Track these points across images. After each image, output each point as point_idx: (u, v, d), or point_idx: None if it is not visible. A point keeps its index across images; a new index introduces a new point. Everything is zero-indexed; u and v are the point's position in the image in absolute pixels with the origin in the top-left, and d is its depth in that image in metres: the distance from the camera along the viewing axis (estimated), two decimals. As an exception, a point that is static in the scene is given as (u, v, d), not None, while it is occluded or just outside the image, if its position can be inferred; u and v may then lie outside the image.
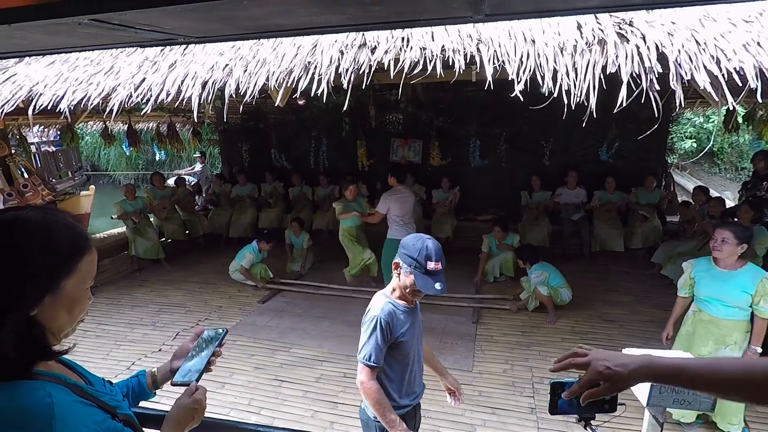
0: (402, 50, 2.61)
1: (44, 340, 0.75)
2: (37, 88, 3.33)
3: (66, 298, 0.77)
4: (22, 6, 0.88)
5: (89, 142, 14.35)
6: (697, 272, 2.90)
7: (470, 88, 6.68)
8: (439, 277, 1.78)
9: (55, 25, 0.93)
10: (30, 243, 0.73)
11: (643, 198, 6.28)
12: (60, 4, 0.84)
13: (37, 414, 0.71)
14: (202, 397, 1.02)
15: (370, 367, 1.79)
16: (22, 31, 1.00)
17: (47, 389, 0.74)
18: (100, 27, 0.95)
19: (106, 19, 0.90)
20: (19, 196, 4.77)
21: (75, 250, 0.79)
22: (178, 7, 0.78)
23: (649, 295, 5.27)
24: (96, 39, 1.15)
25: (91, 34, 1.06)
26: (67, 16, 0.85)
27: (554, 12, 1.01)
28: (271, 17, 0.93)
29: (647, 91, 2.20)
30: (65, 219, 0.81)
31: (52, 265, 0.75)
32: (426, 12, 0.93)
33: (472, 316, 4.85)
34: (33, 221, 0.76)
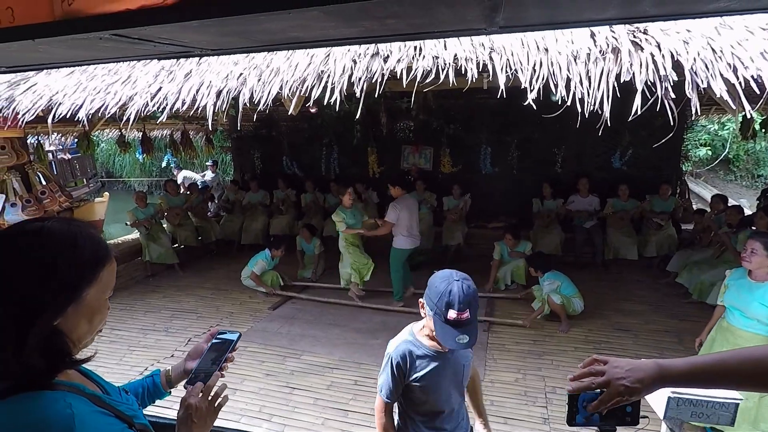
0: (414, 59, 2.62)
1: (67, 349, 0.76)
2: (57, 98, 3.41)
3: (88, 307, 0.79)
4: (46, 22, 0.90)
5: (105, 149, 14.61)
6: (731, 280, 2.93)
7: (481, 95, 6.67)
8: (466, 329, 1.51)
9: (77, 40, 0.95)
10: (56, 253, 0.75)
11: (657, 206, 6.19)
12: (82, 20, 0.86)
13: (58, 425, 0.71)
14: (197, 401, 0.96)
15: (382, 399, 1.69)
16: (45, 46, 1.02)
17: (67, 400, 0.74)
18: (120, 41, 0.98)
19: (126, 33, 0.92)
20: (36, 203, 4.86)
21: (97, 260, 0.80)
22: (197, 22, 0.80)
23: (664, 304, 5.18)
24: (115, 52, 1.18)
25: (111, 47, 1.09)
26: (89, 31, 0.87)
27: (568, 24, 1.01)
28: (286, 31, 0.94)
29: (662, 100, 2.18)
30: (88, 230, 0.82)
31: (76, 275, 0.76)
32: (440, 24, 0.94)
33: (484, 323, 4.80)
34: (58, 231, 0.77)
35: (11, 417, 0.70)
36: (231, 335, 1.11)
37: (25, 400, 0.72)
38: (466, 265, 6.56)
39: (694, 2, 0.82)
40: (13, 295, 0.71)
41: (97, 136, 9.34)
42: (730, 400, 1.80)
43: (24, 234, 0.76)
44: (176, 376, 1.17)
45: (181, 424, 0.94)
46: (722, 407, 1.81)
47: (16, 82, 3.61)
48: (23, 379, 0.73)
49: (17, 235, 0.76)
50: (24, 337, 0.70)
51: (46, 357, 0.73)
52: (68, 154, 9.31)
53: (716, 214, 5.63)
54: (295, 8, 0.72)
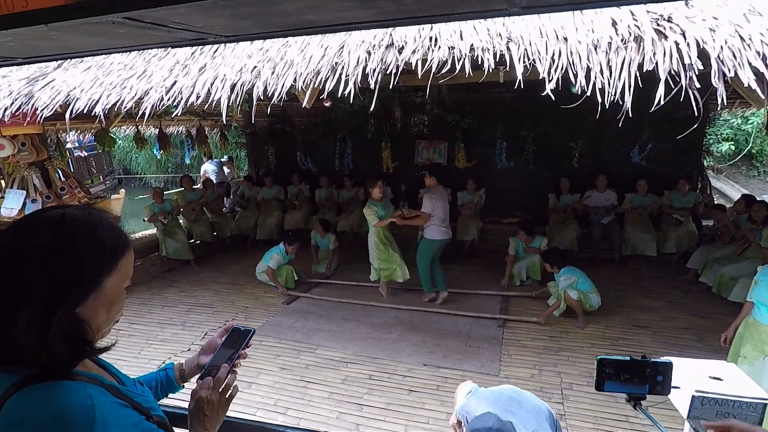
0: (430, 50, 2.57)
1: (88, 336, 0.76)
2: (74, 93, 3.45)
3: (107, 296, 0.78)
4: (58, 6, 0.89)
5: (122, 146, 14.84)
6: (762, 276, 2.86)
7: (496, 89, 6.59)
8: None
9: (90, 25, 0.94)
10: (78, 240, 0.74)
11: (677, 201, 6.04)
12: (95, 2, 0.85)
13: (79, 416, 0.70)
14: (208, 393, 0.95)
15: None
16: (59, 32, 1.02)
17: (87, 390, 0.74)
18: (133, 26, 0.96)
19: (139, 17, 0.91)
20: (56, 198, 4.94)
21: (117, 249, 0.79)
22: (210, 3, 0.78)
23: (684, 301, 5.07)
24: (129, 40, 1.17)
25: (125, 34, 1.08)
26: (102, 14, 0.85)
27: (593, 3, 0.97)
28: (302, 13, 0.92)
29: (686, 90, 2.10)
30: (107, 218, 0.82)
31: (97, 262, 0.76)
32: (461, 5, 0.90)
33: (499, 319, 4.76)
34: (80, 219, 0.77)
35: (31, 406, 0.70)
36: (245, 331, 1.09)
37: (45, 389, 0.72)
38: (480, 260, 6.55)
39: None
40: (36, 282, 0.70)
41: (115, 132, 9.48)
42: (759, 399, 1.73)
43: (47, 221, 0.75)
44: (189, 370, 1.16)
45: (193, 417, 0.94)
46: (749, 407, 1.74)
47: (35, 78, 3.67)
48: (45, 368, 0.73)
49: (39, 222, 0.75)
50: (47, 324, 0.70)
51: (69, 343, 0.73)
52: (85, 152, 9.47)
53: (738, 214, 5.47)
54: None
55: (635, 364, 1.17)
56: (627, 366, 1.16)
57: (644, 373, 1.16)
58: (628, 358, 1.15)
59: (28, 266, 0.71)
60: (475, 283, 5.70)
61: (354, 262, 6.54)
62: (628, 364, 1.16)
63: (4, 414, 0.70)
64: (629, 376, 1.13)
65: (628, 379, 1.14)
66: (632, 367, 1.16)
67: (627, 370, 1.16)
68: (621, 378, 1.15)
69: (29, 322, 0.69)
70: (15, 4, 0.92)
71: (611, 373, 1.15)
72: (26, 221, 0.76)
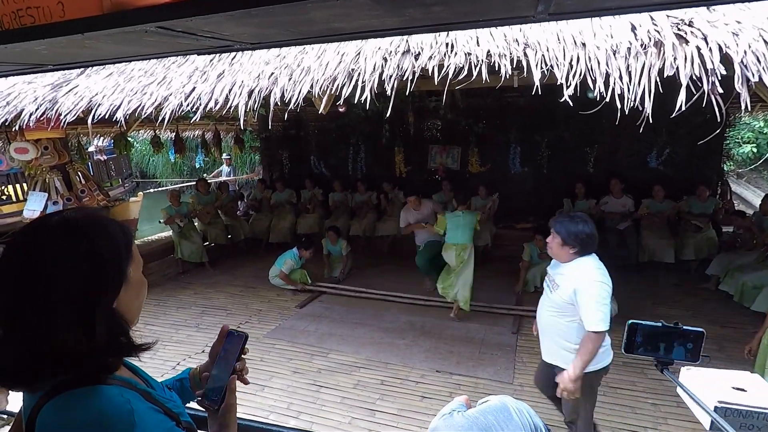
0: (446, 56, 2.58)
1: (126, 330, 0.77)
2: (96, 99, 3.53)
3: (133, 284, 0.80)
4: (94, 16, 0.92)
5: (139, 150, 15.06)
6: None
7: (510, 93, 6.57)
8: None
9: (123, 34, 0.97)
10: (94, 238, 0.75)
11: (696, 208, 5.92)
12: (130, 13, 0.87)
13: (120, 421, 0.70)
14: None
15: None
16: (92, 41, 1.04)
17: (125, 395, 0.74)
18: (164, 34, 0.98)
19: (171, 26, 0.93)
20: (77, 201, 5.04)
21: (127, 239, 0.81)
22: (242, 12, 0.79)
23: (703, 309, 4.97)
24: (157, 47, 1.19)
25: (155, 42, 1.10)
26: (137, 23, 0.87)
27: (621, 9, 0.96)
28: (330, 21, 0.93)
29: (708, 95, 2.08)
30: (106, 215, 0.84)
31: (117, 254, 0.77)
32: (488, 12, 0.91)
33: (512, 326, 4.72)
34: (85, 219, 0.78)
35: (69, 412, 0.70)
36: (239, 335, 1.03)
37: (82, 394, 0.71)
38: (493, 266, 6.49)
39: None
40: (70, 284, 0.71)
41: (133, 137, 9.65)
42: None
43: (56, 227, 0.75)
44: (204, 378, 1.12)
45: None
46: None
47: (59, 85, 3.76)
48: (87, 370, 0.72)
49: (50, 229, 0.75)
50: (91, 322, 0.71)
51: (113, 339, 0.74)
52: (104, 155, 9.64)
53: (765, 215, 5.34)
54: (343, -6, 0.70)
55: (666, 330, 1.18)
56: (658, 332, 1.18)
57: (675, 340, 1.18)
58: (660, 323, 1.17)
59: (57, 271, 0.71)
60: (488, 289, 5.65)
61: (366, 266, 6.56)
62: (659, 330, 1.18)
63: (41, 423, 0.70)
64: (659, 342, 1.16)
65: (658, 344, 1.16)
66: (663, 333, 1.18)
67: (657, 335, 1.19)
68: (651, 343, 1.17)
69: (73, 323, 0.70)
70: (53, 14, 0.94)
71: (641, 338, 1.17)
72: (35, 231, 0.75)
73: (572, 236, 2.36)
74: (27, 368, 0.70)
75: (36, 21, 0.97)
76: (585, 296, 2.26)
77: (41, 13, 0.96)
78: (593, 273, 2.31)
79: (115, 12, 0.88)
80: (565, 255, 2.41)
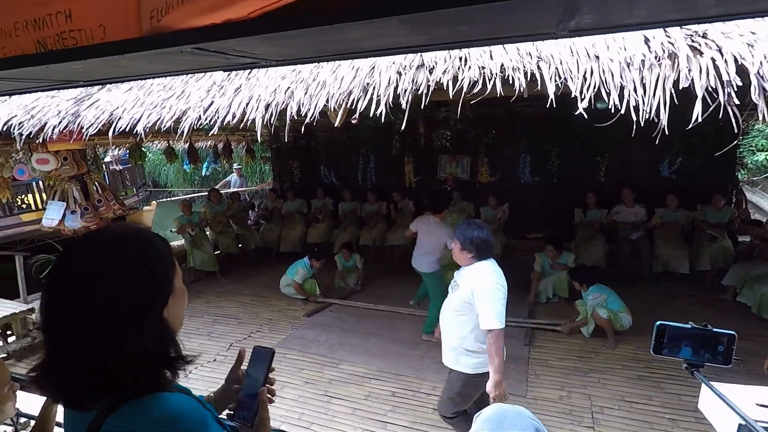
0: (460, 70, 2.62)
1: (177, 344, 0.79)
2: (117, 113, 3.62)
3: (178, 293, 0.82)
4: (134, 38, 0.96)
5: (152, 160, 15.31)
6: None
7: (520, 103, 6.55)
8: None
9: (159, 54, 1.01)
10: (143, 250, 0.77)
11: (711, 217, 5.83)
12: (168, 35, 0.91)
13: (196, 419, 0.71)
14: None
15: None
16: (128, 60, 1.09)
17: (192, 400, 0.76)
18: (197, 54, 1.02)
19: (205, 46, 0.97)
20: (93, 210, 5.14)
21: (170, 250, 0.84)
22: (278, 34, 0.82)
23: (720, 321, 4.87)
24: (189, 65, 1.24)
25: (187, 60, 1.14)
26: (175, 45, 0.91)
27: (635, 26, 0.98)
28: (358, 41, 0.96)
29: (725, 106, 2.08)
30: (146, 229, 0.87)
31: (163, 265, 0.79)
32: (511, 30, 0.93)
33: (525, 338, 4.68)
34: (131, 233, 0.79)
35: (141, 417, 0.69)
36: (265, 352, 1.04)
37: (150, 401, 0.71)
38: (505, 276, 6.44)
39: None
40: (127, 298, 0.72)
41: (146, 147, 9.82)
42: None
43: (107, 241, 0.77)
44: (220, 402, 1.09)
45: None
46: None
47: (81, 99, 3.86)
48: (143, 383, 0.73)
49: (102, 243, 0.76)
50: (145, 335, 0.72)
51: (164, 349, 0.76)
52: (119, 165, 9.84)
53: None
54: (376, 18, 0.73)
55: (696, 332, 1.16)
56: (687, 333, 1.16)
57: (704, 342, 1.15)
58: (690, 324, 1.15)
59: (113, 284, 0.72)
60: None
61: (376, 276, 6.55)
62: (688, 332, 1.16)
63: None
64: (688, 344, 1.14)
65: (688, 346, 1.14)
66: (692, 335, 1.16)
67: (687, 337, 1.16)
68: (679, 345, 1.15)
69: (128, 334, 0.70)
70: (95, 36, 0.99)
71: (669, 339, 1.15)
72: (86, 245, 0.77)
73: (468, 241, 2.51)
74: (83, 384, 0.70)
75: (78, 43, 1.01)
76: (480, 296, 2.43)
77: (83, 35, 1.01)
78: (488, 275, 2.48)
79: (154, 35, 0.92)
80: (465, 259, 2.57)
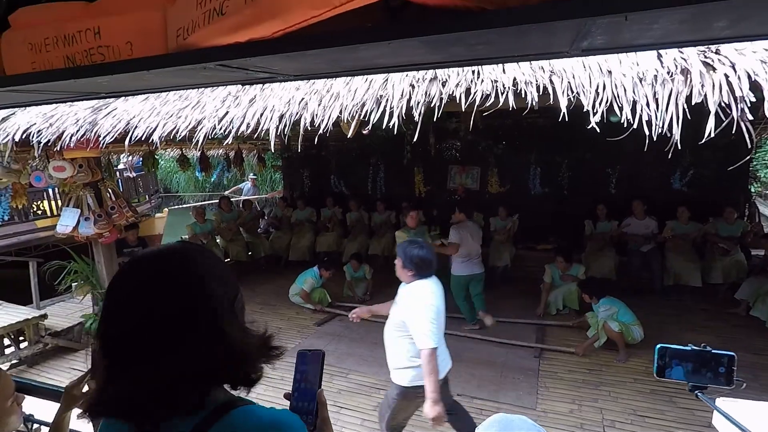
0: (473, 83, 2.64)
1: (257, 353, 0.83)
2: (134, 122, 3.70)
3: (241, 305, 0.87)
4: (160, 55, 1.00)
5: (164, 167, 15.52)
6: None
7: (530, 115, 6.56)
8: None
9: (183, 70, 1.04)
10: (214, 264, 0.81)
11: (724, 230, 5.77)
12: (193, 53, 0.94)
13: (299, 427, 0.75)
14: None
15: None
16: (152, 75, 1.12)
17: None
18: (220, 70, 1.05)
19: (228, 63, 1.00)
20: (107, 217, 5.20)
21: (227, 266, 0.87)
22: (299, 53, 0.85)
23: (734, 335, 4.82)
24: (209, 79, 1.27)
25: (208, 75, 1.17)
26: (199, 62, 0.94)
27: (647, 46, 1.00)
28: (375, 58, 0.99)
29: (738, 122, 2.08)
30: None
31: (231, 276, 0.84)
32: (526, 49, 0.95)
33: (535, 350, 4.65)
34: (200, 247, 0.85)
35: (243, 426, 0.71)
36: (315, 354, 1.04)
37: (247, 411, 0.73)
38: (513, 287, 6.43)
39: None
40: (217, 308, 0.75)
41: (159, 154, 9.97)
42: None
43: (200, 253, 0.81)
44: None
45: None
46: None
47: (98, 108, 3.95)
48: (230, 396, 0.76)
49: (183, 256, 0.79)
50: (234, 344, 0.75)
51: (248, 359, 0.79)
52: (133, 172, 10.00)
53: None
54: (396, 39, 0.76)
55: (696, 354, 1.18)
56: (688, 355, 1.18)
57: (706, 363, 1.18)
58: (689, 346, 1.17)
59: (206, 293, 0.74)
60: (509, 310, 5.60)
61: (385, 286, 6.53)
62: (689, 354, 1.18)
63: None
64: (691, 366, 1.17)
65: (689, 368, 1.17)
66: (693, 357, 1.18)
67: (688, 359, 1.18)
68: (682, 367, 1.18)
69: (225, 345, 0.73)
70: (122, 53, 1.03)
71: (671, 361, 1.18)
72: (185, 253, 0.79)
73: (408, 260, 2.53)
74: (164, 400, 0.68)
75: (105, 58, 1.05)
76: (413, 316, 2.43)
77: (111, 51, 1.05)
78: (424, 294, 2.48)
79: (180, 52, 0.95)
80: (406, 277, 2.59)
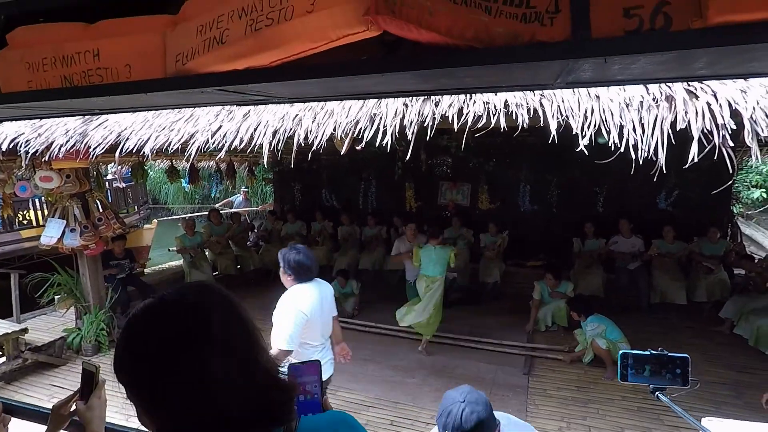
0: (465, 104, 2.70)
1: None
2: (125, 134, 3.69)
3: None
4: (158, 78, 1.01)
5: (153, 178, 15.42)
6: None
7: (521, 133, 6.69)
8: None
9: (181, 93, 1.06)
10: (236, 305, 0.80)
11: (707, 249, 5.90)
12: (191, 78, 0.96)
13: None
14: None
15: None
16: (149, 95, 1.14)
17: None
18: (216, 93, 1.07)
19: (225, 88, 1.02)
20: (93, 228, 5.13)
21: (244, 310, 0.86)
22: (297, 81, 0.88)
23: (718, 353, 4.87)
24: (205, 100, 1.29)
25: (204, 97, 1.19)
26: (196, 87, 0.96)
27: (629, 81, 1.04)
28: (367, 86, 1.02)
29: (720, 148, 2.15)
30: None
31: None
32: (512, 81, 0.99)
33: (524, 366, 4.66)
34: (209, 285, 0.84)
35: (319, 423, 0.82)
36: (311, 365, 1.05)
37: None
38: (503, 303, 6.45)
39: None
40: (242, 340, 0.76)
41: (149, 165, 9.91)
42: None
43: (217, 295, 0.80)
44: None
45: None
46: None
47: (89, 119, 3.94)
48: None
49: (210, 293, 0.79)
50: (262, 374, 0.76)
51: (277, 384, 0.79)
52: (122, 183, 9.91)
53: (774, 260, 5.33)
54: (390, 72, 0.78)
55: (654, 357, 1.30)
56: (647, 359, 1.30)
57: (663, 366, 1.29)
58: (648, 351, 1.29)
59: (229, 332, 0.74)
60: (497, 327, 5.61)
61: (375, 301, 6.53)
62: (648, 357, 1.30)
63: None
64: (650, 369, 1.25)
65: (649, 371, 1.25)
66: (652, 360, 1.30)
67: (647, 362, 1.30)
68: (643, 370, 1.27)
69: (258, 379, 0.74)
70: (120, 75, 1.04)
71: (633, 366, 1.28)
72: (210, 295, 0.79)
73: (287, 264, 2.58)
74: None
75: (103, 80, 1.07)
76: (276, 317, 2.49)
77: (109, 73, 1.06)
78: (291, 298, 2.52)
79: (179, 76, 0.97)
80: (287, 281, 2.64)
